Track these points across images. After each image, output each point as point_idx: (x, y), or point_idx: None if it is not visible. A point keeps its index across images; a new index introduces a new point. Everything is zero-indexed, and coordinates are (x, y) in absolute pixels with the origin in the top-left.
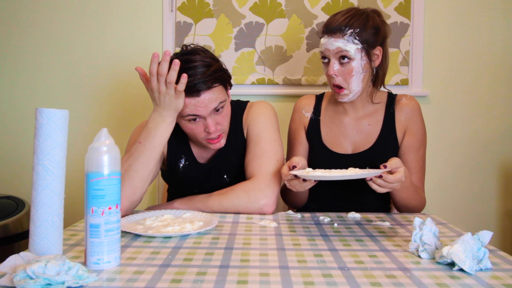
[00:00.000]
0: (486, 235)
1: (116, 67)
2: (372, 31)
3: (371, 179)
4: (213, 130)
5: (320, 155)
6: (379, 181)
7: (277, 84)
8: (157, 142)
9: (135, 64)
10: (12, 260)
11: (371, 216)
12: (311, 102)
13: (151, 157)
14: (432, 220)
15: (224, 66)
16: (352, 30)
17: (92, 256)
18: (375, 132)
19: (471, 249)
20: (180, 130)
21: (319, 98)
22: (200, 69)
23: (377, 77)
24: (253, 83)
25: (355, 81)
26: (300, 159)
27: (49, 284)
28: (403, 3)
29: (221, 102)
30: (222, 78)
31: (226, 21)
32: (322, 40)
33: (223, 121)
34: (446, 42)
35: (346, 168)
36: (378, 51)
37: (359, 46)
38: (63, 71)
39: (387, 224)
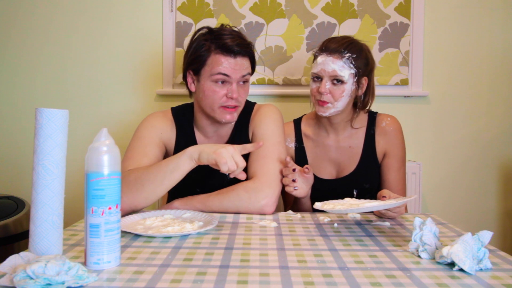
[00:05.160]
0: (486, 235)
1: (116, 67)
2: (364, 61)
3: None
4: (235, 96)
5: None
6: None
7: (277, 84)
8: (175, 179)
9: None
10: (12, 260)
11: (371, 216)
12: (291, 131)
13: (163, 187)
14: (432, 220)
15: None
16: (350, 54)
17: (92, 256)
18: (357, 155)
19: (471, 249)
20: (182, 129)
21: (298, 124)
22: (243, 36)
23: (357, 105)
24: (253, 83)
25: (342, 101)
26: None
27: (49, 284)
28: (403, 3)
29: (248, 74)
30: (253, 56)
31: (226, 21)
32: (319, 59)
33: (244, 95)
34: (446, 42)
35: (333, 193)
36: (364, 80)
37: (353, 71)
38: (63, 71)
39: (387, 224)
